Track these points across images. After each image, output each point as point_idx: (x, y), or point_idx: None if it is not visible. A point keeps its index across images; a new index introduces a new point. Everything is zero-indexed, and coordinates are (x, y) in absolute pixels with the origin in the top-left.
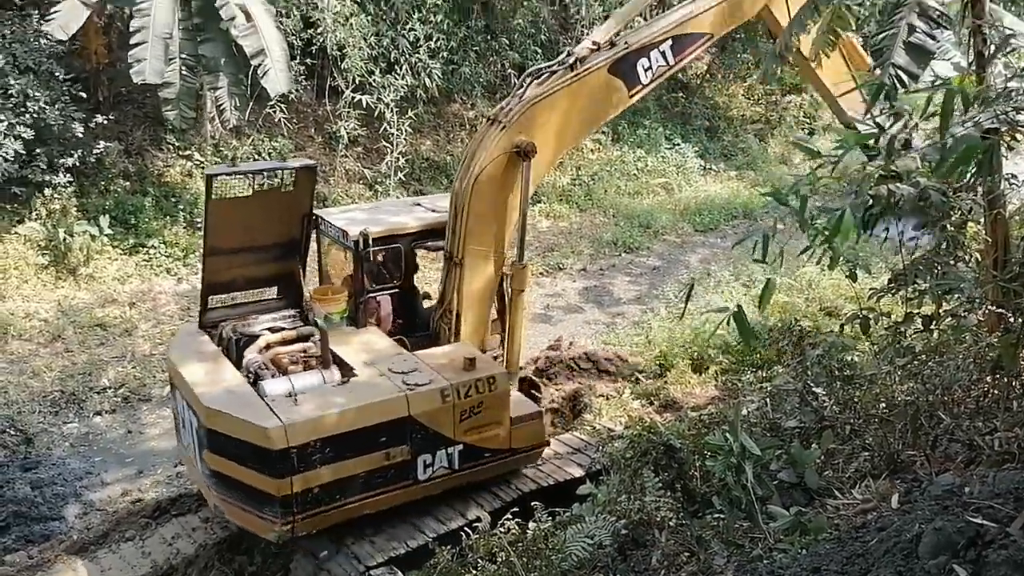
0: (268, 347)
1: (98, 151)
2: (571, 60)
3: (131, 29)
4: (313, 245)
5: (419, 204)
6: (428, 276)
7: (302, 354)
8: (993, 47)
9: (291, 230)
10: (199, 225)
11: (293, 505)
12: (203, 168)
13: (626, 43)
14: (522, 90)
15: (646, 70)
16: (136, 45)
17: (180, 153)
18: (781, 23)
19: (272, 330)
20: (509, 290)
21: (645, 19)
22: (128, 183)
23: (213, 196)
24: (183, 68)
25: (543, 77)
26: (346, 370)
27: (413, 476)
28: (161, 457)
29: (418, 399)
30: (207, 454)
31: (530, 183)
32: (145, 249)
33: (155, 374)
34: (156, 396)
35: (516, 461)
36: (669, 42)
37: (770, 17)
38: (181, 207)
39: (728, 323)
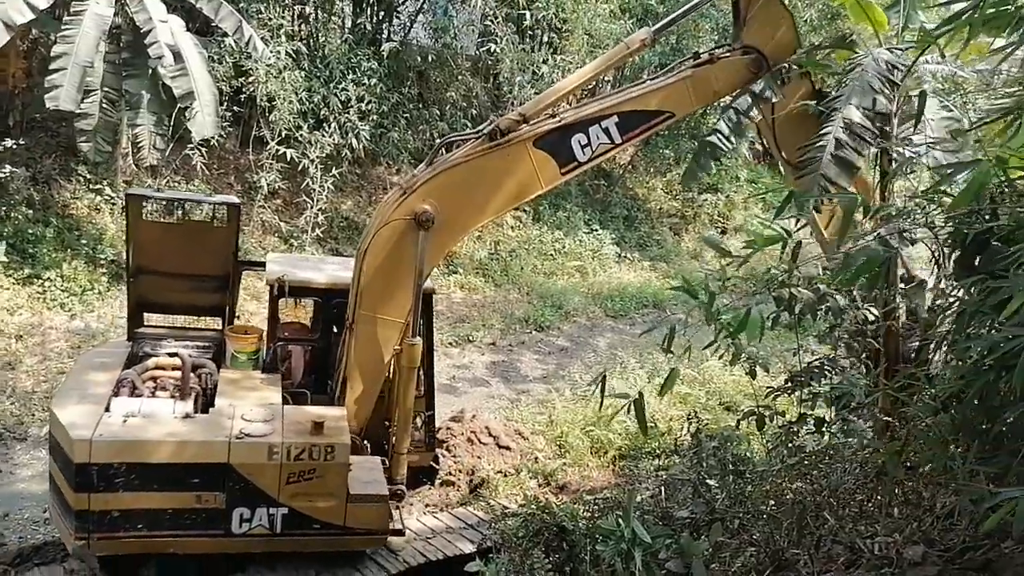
0: (157, 368)
1: (3, 175)
2: (490, 129)
3: (52, 54)
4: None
5: None
6: None
7: (175, 382)
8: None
9: (226, 264)
10: (102, 261)
11: (89, 522)
12: (113, 203)
13: (560, 118)
14: (434, 157)
15: (583, 146)
16: (55, 71)
17: (90, 186)
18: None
19: (171, 354)
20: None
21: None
22: (31, 211)
23: (143, 217)
24: (104, 101)
25: (458, 146)
26: (207, 406)
27: (226, 527)
28: (30, 500)
29: (241, 449)
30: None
31: (429, 254)
32: (40, 281)
33: (35, 412)
34: (33, 436)
35: (351, 541)
36: (615, 119)
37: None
38: (84, 241)
39: (628, 410)
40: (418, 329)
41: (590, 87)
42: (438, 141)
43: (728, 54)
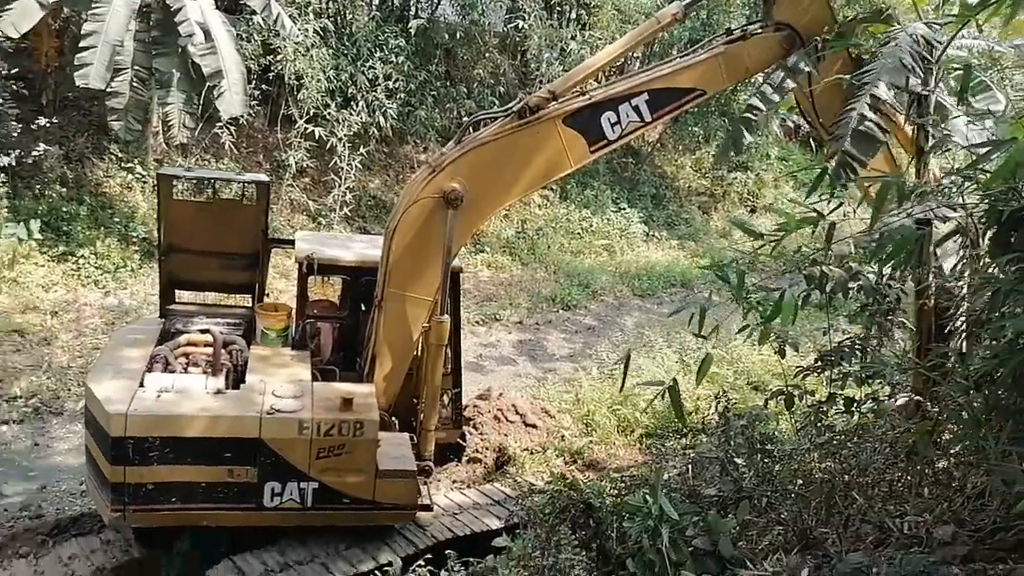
0: (189, 344)
1: (37, 153)
2: (519, 107)
3: (82, 32)
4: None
5: None
6: None
7: (207, 358)
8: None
9: (256, 242)
10: (134, 239)
11: (124, 494)
12: (145, 182)
13: (590, 95)
14: (463, 135)
15: (613, 124)
16: (85, 49)
17: (122, 165)
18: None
19: (203, 331)
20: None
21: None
22: (65, 189)
23: (173, 196)
24: (134, 80)
25: (486, 124)
26: (238, 382)
27: (258, 501)
28: (67, 473)
29: (272, 424)
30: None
31: (458, 232)
32: (75, 258)
33: (70, 387)
34: (69, 410)
35: (380, 516)
36: (645, 96)
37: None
38: (117, 219)
39: (663, 396)
40: (446, 307)
41: (619, 64)
42: (467, 119)
43: (760, 31)
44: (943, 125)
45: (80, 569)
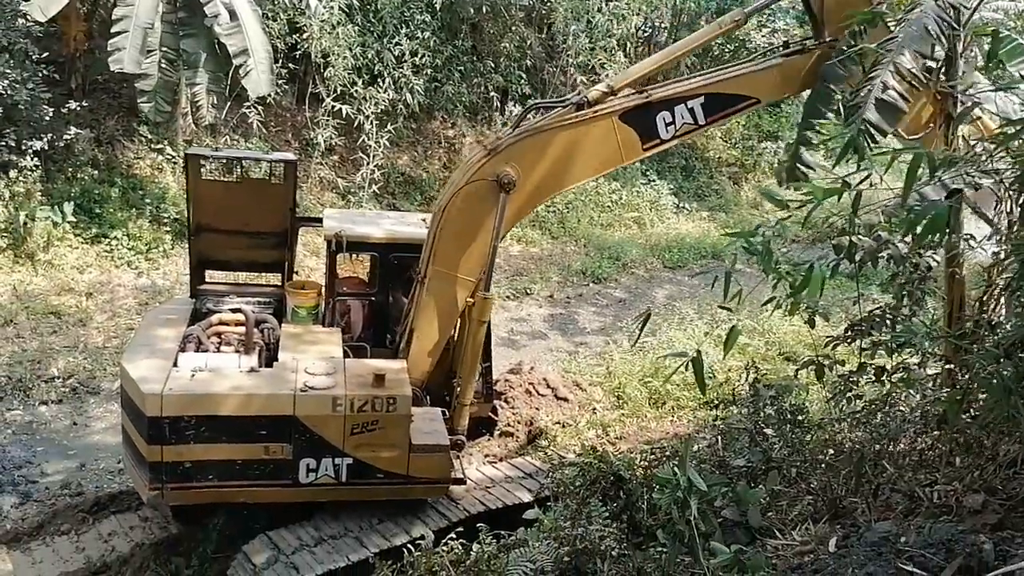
0: (221, 324)
1: (68, 137)
2: (577, 99)
3: (113, 17)
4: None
5: (423, 220)
6: None
7: (239, 337)
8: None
9: (284, 221)
10: (165, 220)
11: (162, 473)
12: (175, 163)
13: (647, 93)
14: (520, 121)
15: (668, 124)
16: (117, 34)
17: (152, 146)
18: None
19: (234, 311)
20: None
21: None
22: (96, 172)
23: (202, 177)
24: (163, 61)
25: (542, 112)
26: (271, 360)
27: (294, 477)
28: (105, 452)
29: (306, 401)
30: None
31: (507, 216)
32: (107, 240)
33: (106, 367)
34: (105, 390)
35: (414, 490)
36: (701, 99)
37: None
38: (148, 201)
39: (687, 368)
40: (490, 284)
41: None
42: (528, 103)
43: (816, 47)
44: (971, 92)
45: (120, 545)
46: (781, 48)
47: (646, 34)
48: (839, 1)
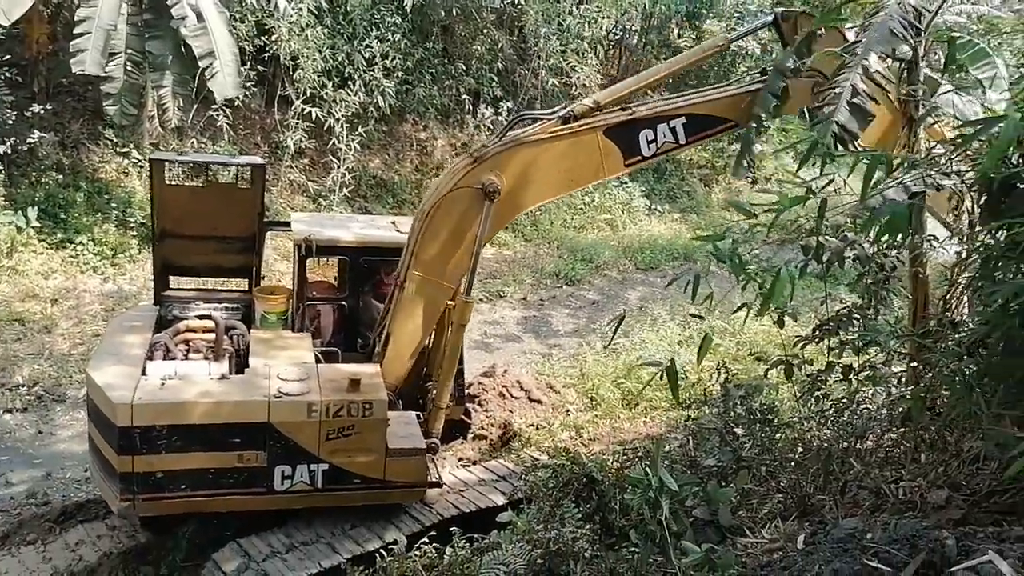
0: (188, 331)
1: (32, 141)
2: (564, 113)
3: (76, 19)
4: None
5: (393, 223)
6: None
7: (208, 344)
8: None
9: (252, 225)
10: (131, 224)
11: (133, 484)
12: (141, 167)
13: (632, 111)
14: (506, 130)
15: (650, 142)
16: (80, 35)
17: (117, 150)
18: None
19: (201, 317)
20: (449, 324)
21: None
22: (61, 176)
23: (166, 182)
24: (128, 63)
25: (526, 124)
26: (241, 367)
27: (268, 485)
28: (71, 460)
29: (281, 408)
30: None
31: (490, 225)
32: (73, 245)
33: (72, 374)
34: (72, 397)
35: (391, 495)
36: (683, 119)
37: None
38: (114, 205)
39: (661, 376)
40: (471, 289)
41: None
42: (513, 115)
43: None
44: (931, 95)
45: (87, 554)
46: (759, 74)
47: (616, 37)
48: (822, 42)
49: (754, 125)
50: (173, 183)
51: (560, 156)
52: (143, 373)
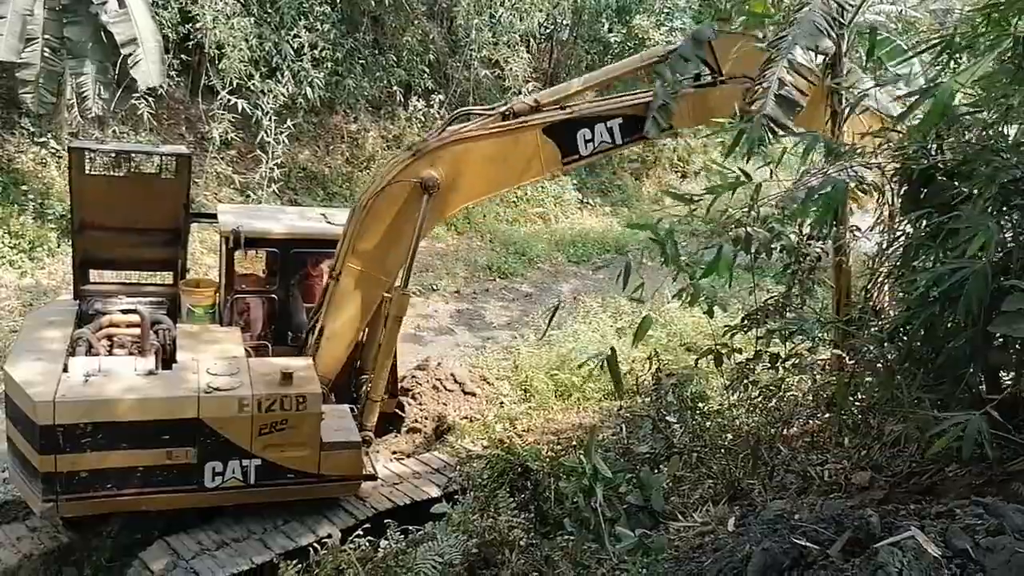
0: (111, 326)
1: None
2: (504, 109)
3: None
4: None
5: (324, 215)
6: None
7: (132, 339)
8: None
9: (177, 217)
10: (50, 216)
11: (56, 484)
12: (60, 157)
13: (569, 110)
14: (446, 125)
15: (587, 141)
16: None
17: (35, 139)
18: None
19: (125, 311)
20: (385, 316)
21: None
22: None
23: (86, 171)
24: (45, 49)
25: (471, 120)
26: (168, 362)
27: (199, 482)
28: None
29: (210, 403)
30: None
31: (429, 219)
32: None
33: None
34: None
35: (326, 489)
36: (620, 120)
37: None
38: (31, 196)
39: (602, 367)
40: (408, 282)
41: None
42: (454, 111)
43: (721, 83)
44: (855, 89)
45: (6, 557)
46: (692, 80)
47: (548, 30)
48: (726, 44)
49: (666, 84)
50: (93, 173)
51: (499, 152)
52: (65, 370)
